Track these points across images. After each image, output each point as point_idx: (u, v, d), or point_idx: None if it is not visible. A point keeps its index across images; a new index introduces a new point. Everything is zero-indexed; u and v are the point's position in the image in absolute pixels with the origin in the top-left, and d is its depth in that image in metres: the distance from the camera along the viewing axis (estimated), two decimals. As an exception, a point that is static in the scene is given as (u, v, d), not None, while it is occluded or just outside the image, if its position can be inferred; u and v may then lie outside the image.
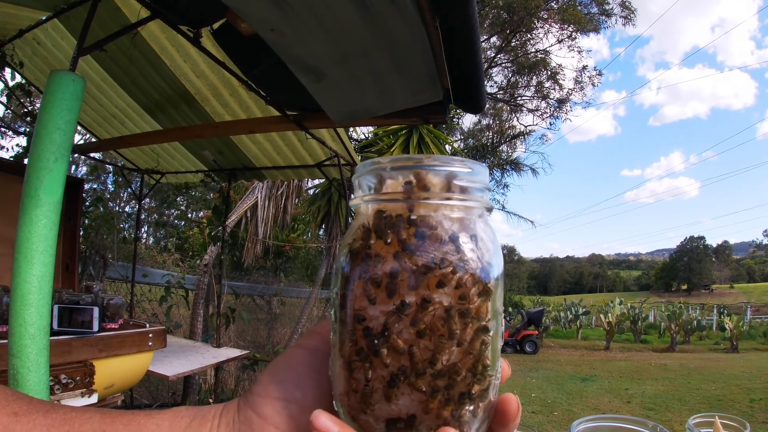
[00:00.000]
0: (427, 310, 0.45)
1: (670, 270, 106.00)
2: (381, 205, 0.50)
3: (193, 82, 3.64)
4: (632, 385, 10.74)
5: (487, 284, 0.48)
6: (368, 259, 0.47)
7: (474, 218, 0.50)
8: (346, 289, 0.48)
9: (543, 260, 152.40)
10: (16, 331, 1.59)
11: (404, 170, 0.49)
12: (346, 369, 0.48)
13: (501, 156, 19.59)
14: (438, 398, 0.46)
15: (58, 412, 0.52)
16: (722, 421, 1.16)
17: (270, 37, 2.05)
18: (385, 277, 0.46)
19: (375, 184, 0.51)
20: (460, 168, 0.49)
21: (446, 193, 0.48)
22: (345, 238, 0.52)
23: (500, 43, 17.58)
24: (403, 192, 0.48)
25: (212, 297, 7.42)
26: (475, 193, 0.50)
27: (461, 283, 0.46)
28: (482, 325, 0.47)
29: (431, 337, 0.46)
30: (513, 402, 0.49)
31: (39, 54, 3.76)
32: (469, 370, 0.47)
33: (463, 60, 2.13)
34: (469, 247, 0.48)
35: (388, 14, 1.84)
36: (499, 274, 0.50)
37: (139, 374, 3.27)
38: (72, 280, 4.06)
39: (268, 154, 4.86)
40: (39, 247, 1.63)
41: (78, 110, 1.79)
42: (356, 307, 0.47)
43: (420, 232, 0.47)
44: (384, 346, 0.46)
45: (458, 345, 0.46)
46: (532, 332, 17.26)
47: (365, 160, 0.52)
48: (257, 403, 0.53)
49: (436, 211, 0.48)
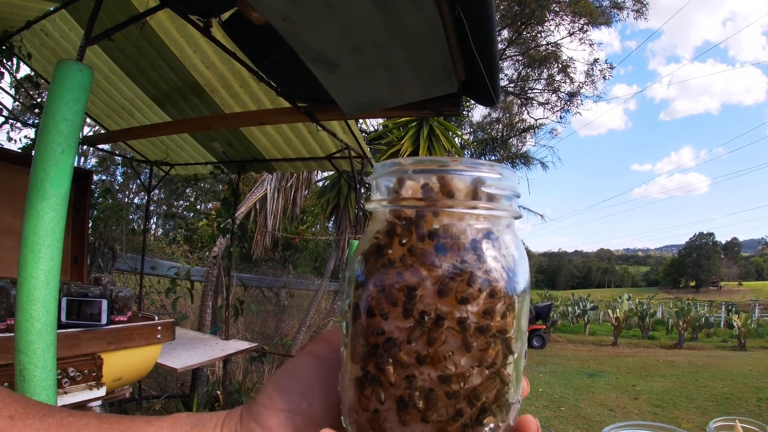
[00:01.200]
0: (447, 328, 0.42)
1: (679, 266, 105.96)
2: (401, 211, 0.46)
3: (202, 73, 3.61)
4: (640, 381, 10.71)
5: (513, 301, 0.44)
6: (385, 270, 0.44)
7: (501, 228, 0.46)
8: (359, 300, 0.45)
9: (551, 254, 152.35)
10: (23, 327, 1.57)
11: (428, 173, 0.45)
12: (356, 386, 0.45)
13: (510, 149, 19.52)
14: (456, 424, 0.42)
15: (55, 416, 0.51)
16: (743, 425, 1.12)
17: (282, 27, 2.01)
18: (403, 290, 0.43)
19: (394, 187, 0.47)
20: (489, 173, 0.46)
21: (472, 200, 0.45)
22: (360, 244, 0.48)
23: (511, 35, 17.45)
24: (425, 198, 0.45)
25: (221, 289, 7.42)
26: (504, 201, 0.46)
27: (485, 300, 0.43)
28: (506, 345, 0.44)
29: (450, 357, 0.42)
30: (532, 426, 0.46)
31: (47, 45, 3.74)
32: (490, 394, 0.43)
33: (479, 51, 2.08)
34: (494, 260, 0.44)
35: (403, 4, 1.80)
36: (525, 288, 0.46)
37: (147, 367, 3.25)
38: (81, 272, 4.05)
39: (278, 145, 4.83)
40: (46, 240, 1.60)
41: (85, 100, 1.76)
42: (371, 322, 0.44)
43: (442, 244, 0.44)
44: (399, 365, 0.42)
45: (479, 366, 0.43)
46: (539, 327, 17.24)
47: (385, 161, 0.48)
48: (261, 414, 0.50)
49: (460, 219, 0.45)
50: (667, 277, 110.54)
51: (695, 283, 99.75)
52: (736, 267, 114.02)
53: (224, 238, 7.26)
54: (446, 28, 1.95)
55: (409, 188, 0.46)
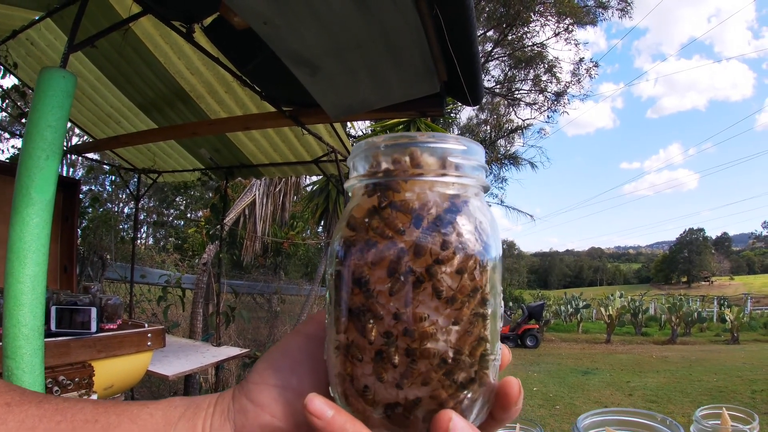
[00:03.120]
0: (425, 290, 0.44)
1: (670, 262, 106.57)
2: (374, 184, 0.49)
3: (187, 80, 3.61)
4: (634, 377, 10.74)
5: (485, 262, 0.47)
6: (363, 240, 0.46)
7: (470, 196, 0.49)
8: (341, 270, 0.47)
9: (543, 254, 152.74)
10: (10, 332, 1.57)
11: (398, 148, 0.48)
12: (339, 352, 0.47)
13: (499, 150, 19.58)
14: (434, 379, 0.44)
15: (50, 402, 0.53)
16: (730, 412, 1.14)
17: (263, 30, 2.03)
18: (381, 257, 0.45)
19: (370, 164, 0.50)
20: (455, 145, 0.49)
21: (441, 170, 0.47)
22: (340, 221, 0.51)
23: (497, 36, 17.53)
24: (396, 169, 0.47)
25: (212, 296, 7.41)
26: (471, 170, 0.49)
27: (458, 261, 0.45)
28: (481, 304, 0.46)
29: (428, 317, 0.44)
30: (514, 385, 0.48)
31: (33, 54, 3.73)
32: (469, 351, 0.45)
33: (459, 51, 2.10)
34: (464, 224, 0.46)
35: (383, 4, 1.82)
36: (498, 255, 0.49)
37: (138, 374, 3.24)
38: (70, 281, 4.04)
39: (265, 151, 4.83)
40: (31, 246, 1.60)
41: (69, 107, 1.76)
42: (351, 287, 0.46)
43: (414, 210, 0.46)
44: (379, 328, 0.44)
45: (455, 324, 0.45)
46: (533, 326, 17.29)
47: (360, 141, 0.51)
48: (252, 391, 0.52)
49: (431, 188, 0.47)
50: (658, 273, 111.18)
51: (687, 278, 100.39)
52: (727, 261, 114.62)
53: (214, 245, 7.25)
54: (426, 28, 1.97)
55: (382, 163, 0.48)
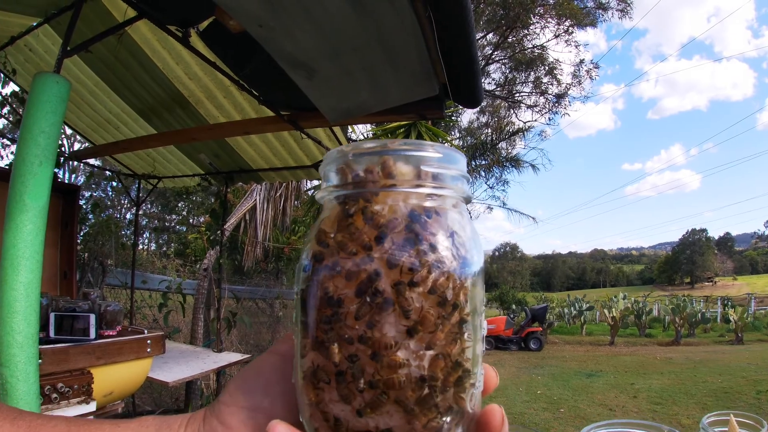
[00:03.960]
0: (393, 311, 0.41)
1: (673, 263, 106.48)
2: (344, 197, 0.45)
3: (186, 85, 3.61)
4: (638, 379, 10.69)
5: (463, 281, 0.43)
6: (330, 257, 0.43)
7: (448, 208, 0.46)
8: (308, 288, 0.44)
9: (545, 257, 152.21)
10: (4, 340, 1.56)
11: (370, 156, 0.45)
12: (306, 375, 0.44)
13: (500, 153, 19.57)
14: (408, 408, 0.41)
15: (25, 419, 0.52)
16: (737, 419, 1.12)
17: (258, 33, 2.01)
18: (348, 275, 0.42)
19: (338, 174, 0.46)
20: (432, 153, 0.45)
21: (415, 180, 0.44)
22: (309, 235, 0.47)
23: (497, 39, 17.55)
24: (366, 181, 0.44)
25: (213, 301, 7.39)
26: (449, 180, 0.46)
27: (432, 280, 0.41)
28: (458, 325, 0.43)
29: (398, 342, 0.41)
30: (497, 414, 0.45)
31: (31, 60, 3.72)
32: (444, 378, 0.42)
33: (457, 52, 2.09)
34: (442, 240, 0.43)
35: (379, 5, 1.80)
36: (478, 271, 0.45)
37: (138, 381, 3.23)
38: (70, 287, 4.03)
39: (265, 155, 4.82)
40: (25, 253, 1.59)
41: (63, 113, 1.75)
42: (318, 308, 0.43)
43: (384, 225, 0.42)
44: (345, 351, 0.41)
45: (429, 348, 0.41)
46: (536, 329, 17.27)
47: (332, 149, 0.48)
48: (223, 412, 0.50)
49: (405, 200, 0.44)
50: (661, 274, 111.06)
51: (690, 279, 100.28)
52: (731, 262, 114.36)
53: (214, 251, 7.24)
54: (423, 29, 1.95)
55: (353, 173, 0.45)
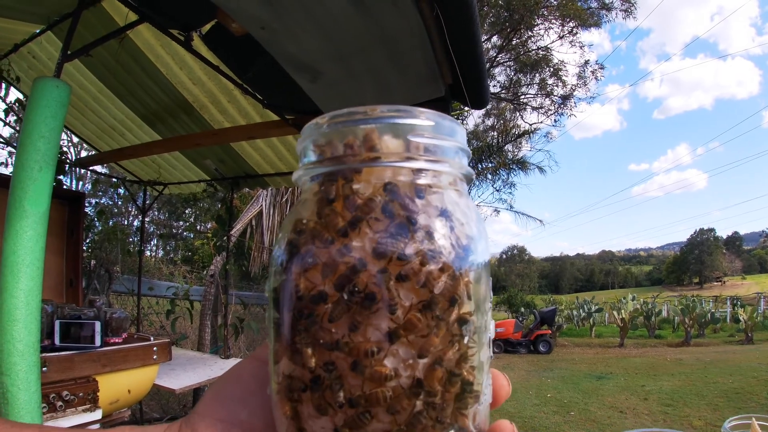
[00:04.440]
0: (378, 311, 0.35)
1: (682, 263, 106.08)
2: (322, 176, 0.39)
3: (190, 90, 3.59)
4: (648, 381, 10.62)
5: (463, 272, 0.37)
6: (306, 248, 0.37)
7: (445, 187, 0.39)
8: (282, 284, 0.38)
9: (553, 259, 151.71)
10: (4, 348, 1.53)
11: (350, 127, 0.38)
12: (280, 386, 0.38)
13: (507, 156, 19.51)
14: (401, 425, 0.35)
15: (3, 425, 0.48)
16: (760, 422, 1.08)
17: (261, 36, 2.00)
18: (326, 268, 0.36)
19: (316, 151, 0.40)
20: (423, 121, 0.38)
21: (403, 153, 0.38)
22: (284, 224, 0.41)
23: (501, 42, 17.51)
24: (344, 156, 0.38)
25: (220, 307, 7.37)
26: (446, 154, 0.39)
27: (426, 273, 0.35)
28: (458, 326, 0.37)
29: (385, 346, 0.35)
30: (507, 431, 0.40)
31: (35, 68, 3.72)
32: (442, 390, 0.36)
33: (462, 52, 2.06)
34: (437, 225, 0.37)
35: (384, 5, 1.78)
36: (482, 262, 0.39)
37: (144, 388, 3.20)
38: (76, 295, 4.01)
39: (270, 160, 4.80)
40: (25, 260, 1.57)
41: (63, 117, 1.73)
42: (292, 308, 0.37)
43: (368, 208, 0.36)
44: (320, 358, 0.35)
45: (422, 356, 0.35)
46: (545, 332, 17.16)
47: (309, 122, 0.41)
48: (197, 424, 0.45)
49: (392, 177, 0.37)
50: (670, 275, 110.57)
51: (699, 279, 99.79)
52: (739, 261, 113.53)
53: (221, 257, 7.22)
54: (429, 30, 1.93)
55: (331, 147, 0.39)
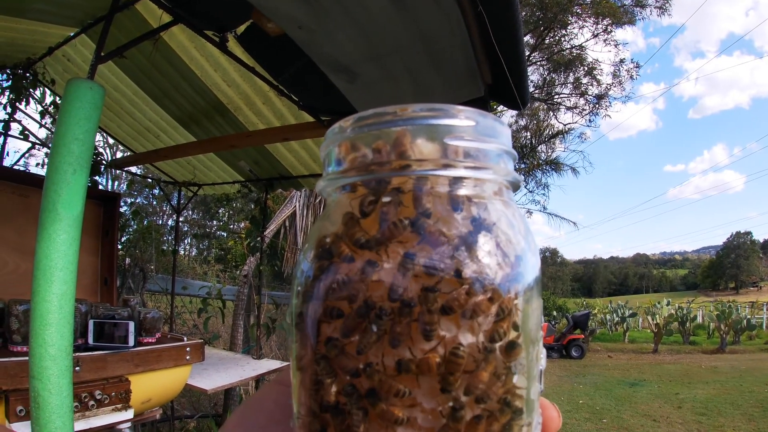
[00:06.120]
0: (423, 346, 0.30)
1: (717, 268, 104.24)
2: (348, 188, 0.34)
3: (224, 92, 3.59)
4: (683, 389, 10.41)
5: (513, 295, 0.32)
6: (330, 269, 0.32)
7: (489, 197, 0.34)
8: (303, 310, 0.33)
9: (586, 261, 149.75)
10: (36, 353, 1.52)
11: (376, 130, 0.33)
12: (305, 424, 0.33)
13: (540, 156, 19.29)
14: None
15: None
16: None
17: (298, 36, 1.96)
18: (348, 293, 0.31)
19: (338, 158, 0.35)
20: (463, 121, 0.33)
21: (440, 159, 0.32)
22: (308, 238, 0.36)
23: (534, 41, 17.32)
24: (373, 164, 0.33)
25: (252, 307, 7.40)
26: (490, 159, 0.34)
27: (469, 300, 0.30)
28: (506, 357, 0.32)
29: (429, 386, 0.30)
30: None
31: (70, 70, 3.77)
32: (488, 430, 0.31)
33: (505, 50, 1.99)
34: (481, 242, 0.31)
35: (425, 3, 1.72)
36: (533, 281, 0.34)
37: (176, 388, 3.21)
38: (110, 294, 4.05)
39: (305, 162, 4.79)
40: (58, 263, 1.55)
41: (97, 120, 1.71)
42: (317, 338, 0.32)
43: (400, 223, 0.31)
44: (360, 400, 0.31)
45: (467, 394, 0.30)
46: (578, 336, 16.90)
47: (333, 125, 0.36)
48: None
49: (427, 188, 0.32)
50: (705, 279, 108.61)
51: (735, 284, 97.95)
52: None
53: (254, 257, 7.26)
54: (469, 28, 1.87)
55: (355, 155, 0.34)
